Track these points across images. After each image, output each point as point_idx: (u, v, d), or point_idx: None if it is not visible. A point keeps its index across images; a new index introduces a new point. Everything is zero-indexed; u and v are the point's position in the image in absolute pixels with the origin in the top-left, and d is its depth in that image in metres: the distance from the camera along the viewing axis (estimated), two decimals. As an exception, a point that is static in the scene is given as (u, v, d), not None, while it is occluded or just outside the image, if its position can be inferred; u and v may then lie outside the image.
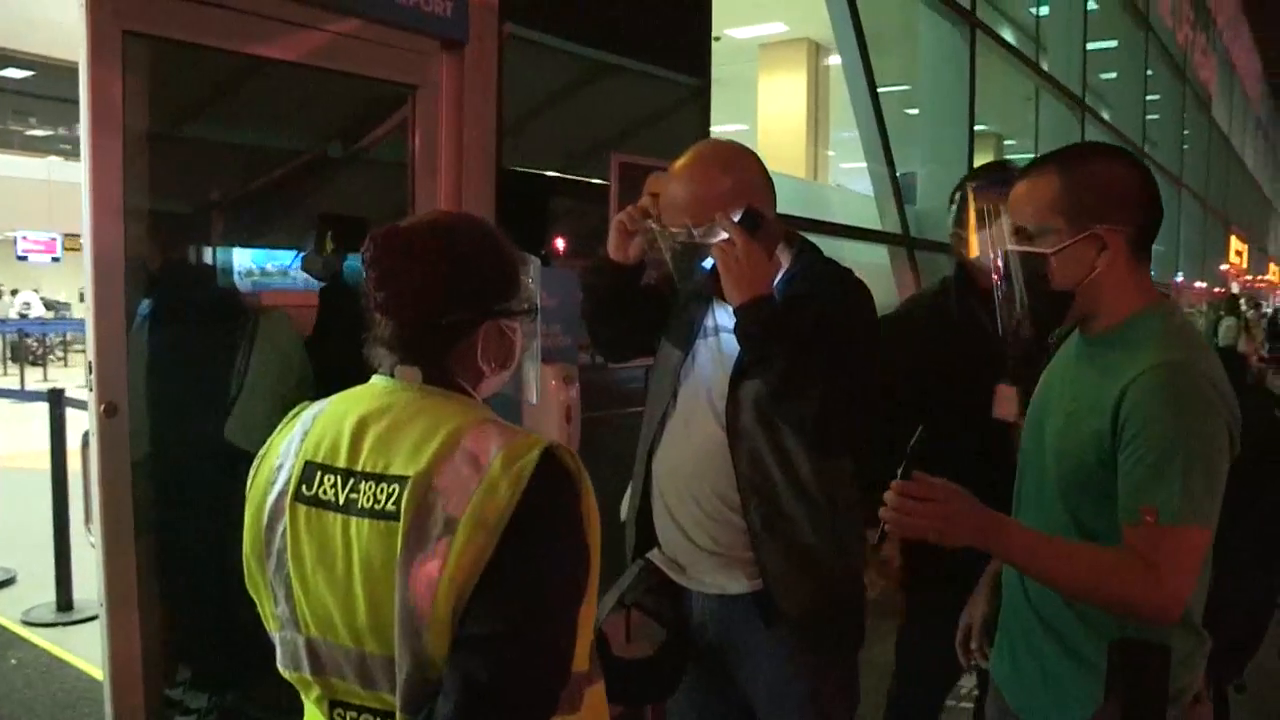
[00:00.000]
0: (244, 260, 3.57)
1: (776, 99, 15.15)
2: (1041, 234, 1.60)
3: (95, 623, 4.91)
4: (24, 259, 23.57)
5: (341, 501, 1.22)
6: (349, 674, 1.24)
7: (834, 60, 15.87)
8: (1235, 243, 28.07)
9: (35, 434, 8.21)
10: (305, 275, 3.46)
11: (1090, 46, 11.70)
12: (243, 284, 3.52)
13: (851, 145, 19.02)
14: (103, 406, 2.50)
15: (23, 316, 22.26)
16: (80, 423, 5.24)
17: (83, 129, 2.51)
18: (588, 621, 1.25)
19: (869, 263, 6.96)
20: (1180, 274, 18.87)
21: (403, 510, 1.17)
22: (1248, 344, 14.62)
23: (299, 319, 3.40)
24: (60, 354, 21.93)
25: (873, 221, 6.92)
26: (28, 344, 19.41)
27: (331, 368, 3.56)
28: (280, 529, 1.26)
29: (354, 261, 3.51)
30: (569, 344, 3.26)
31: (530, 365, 2.12)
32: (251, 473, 1.34)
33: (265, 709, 3.19)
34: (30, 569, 5.65)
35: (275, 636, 1.31)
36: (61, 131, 24.14)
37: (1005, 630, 1.84)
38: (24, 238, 23.18)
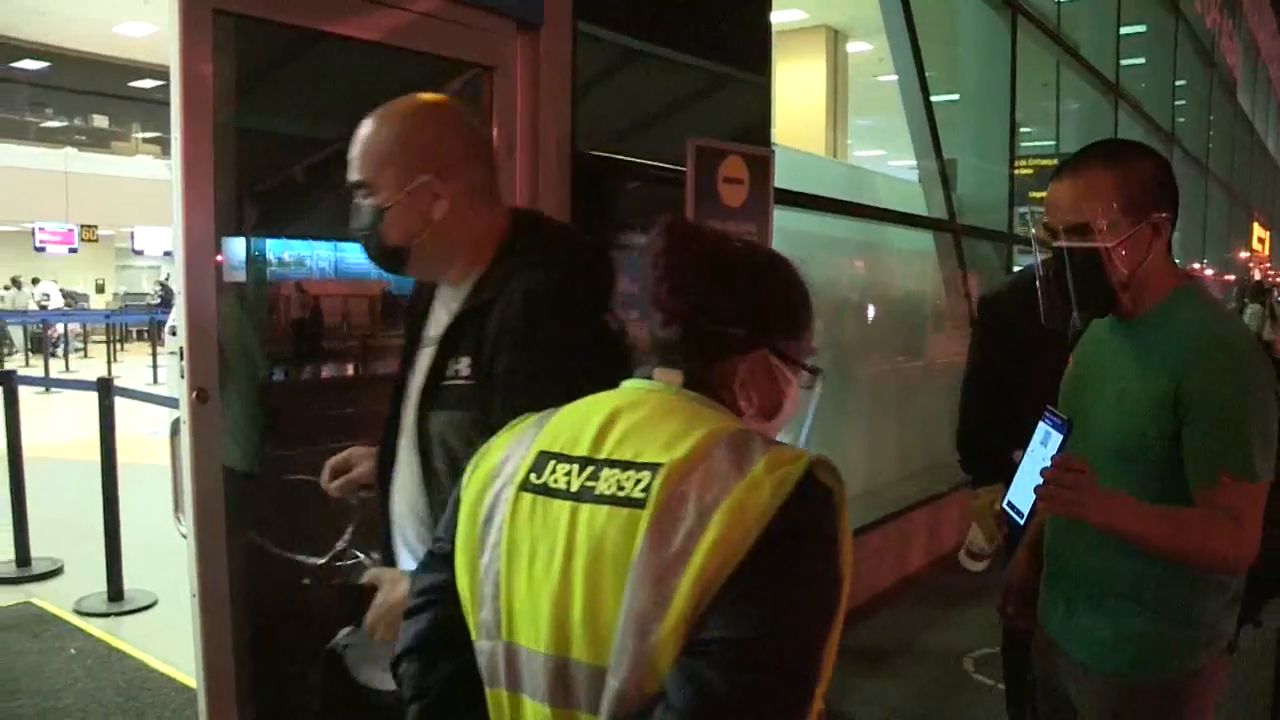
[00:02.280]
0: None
1: (795, 86, 15.08)
2: (1107, 228, 1.73)
3: (147, 613, 4.99)
4: (41, 250, 23.62)
5: (575, 488, 1.13)
6: (541, 688, 1.13)
7: (854, 48, 15.80)
8: (1258, 230, 27.91)
9: (65, 424, 8.29)
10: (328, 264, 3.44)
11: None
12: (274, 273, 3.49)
13: (869, 133, 18.97)
14: (195, 393, 2.46)
15: (42, 308, 22.29)
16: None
17: (174, 113, 2.45)
18: (832, 655, 1.09)
19: (913, 248, 6.91)
20: (1205, 261, 18.74)
21: (652, 496, 1.07)
22: (1273, 331, 14.54)
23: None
24: (80, 345, 21.96)
25: (917, 207, 6.85)
26: (48, 335, 19.41)
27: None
28: (498, 522, 1.18)
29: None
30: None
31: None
32: (468, 472, 1.26)
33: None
34: (76, 559, 5.64)
35: (477, 648, 1.20)
36: (77, 122, 24.14)
37: (1060, 589, 1.98)
38: (41, 229, 23.22)
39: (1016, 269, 7.19)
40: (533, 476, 1.17)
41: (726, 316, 1.22)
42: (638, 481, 1.09)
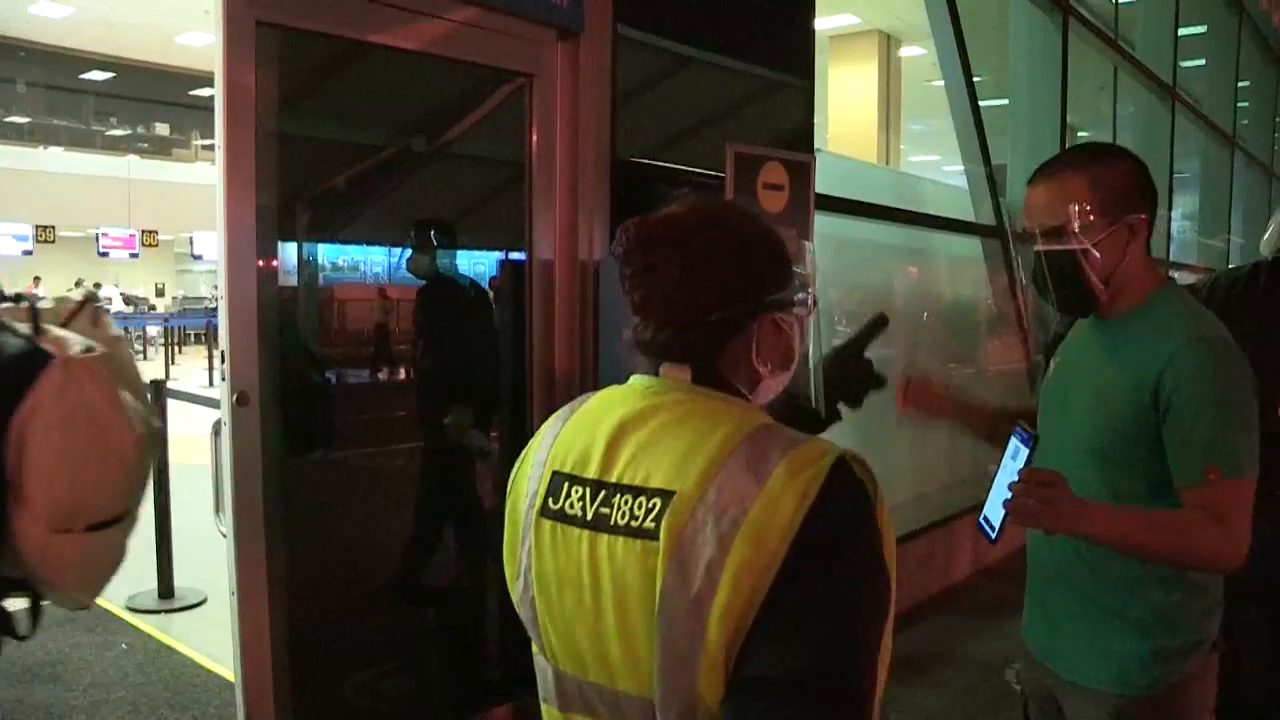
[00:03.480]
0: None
1: (848, 91, 14.99)
2: (1080, 230, 1.75)
3: (197, 610, 5.08)
4: (105, 255, 24.19)
5: (589, 517, 1.08)
6: (603, 715, 1.10)
7: (906, 52, 15.68)
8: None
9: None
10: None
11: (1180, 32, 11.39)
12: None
13: (924, 138, 18.76)
14: (235, 396, 2.51)
15: (105, 311, 22.81)
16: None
17: (217, 121, 2.51)
18: (886, 657, 1.04)
19: (963, 255, 6.84)
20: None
21: (664, 528, 1.01)
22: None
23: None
24: (140, 348, 22.43)
25: (966, 213, 6.78)
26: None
27: (440, 363, 3.65)
28: (527, 546, 1.14)
29: (446, 259, 3.52)
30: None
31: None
32: (510, 483, 1.22)
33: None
34: (130, 556, 5.74)
35: (535, 661, 1.20)
36: (140, 130, 24.70)
37: (1040, 596, 1.98)
38: (104, 234, 23.78)
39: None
40: (550, 501, 1.13)
41: (711, 303, 1.14)
42: (649, 511, 1.03)
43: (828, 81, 13.85)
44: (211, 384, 13.93)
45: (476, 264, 3.78)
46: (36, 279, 23.87)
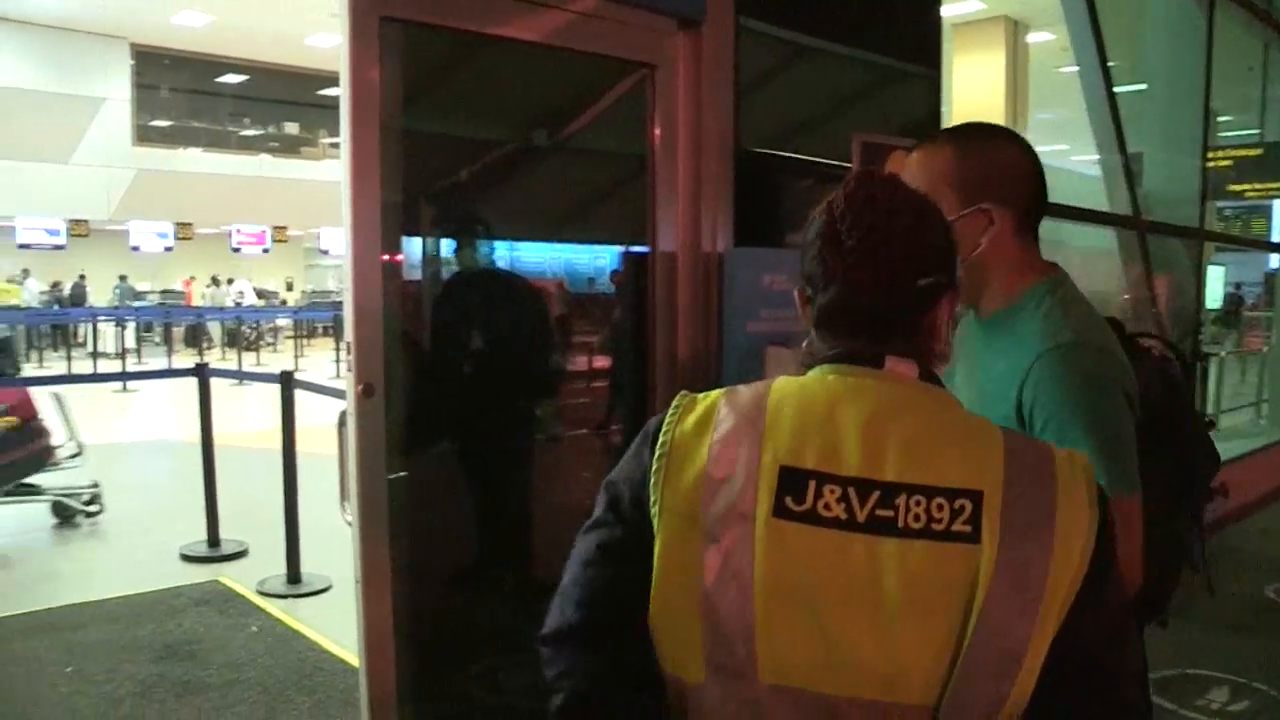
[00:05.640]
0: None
1: (973, 79, 14.60)
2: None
3: (322, 596, 5.23)
4: (237, 250, 25.16)
5: (862, 519, 1.01)
6: None
7: (1034, 38, 15.19)
8: None
9: (254, 415, 8.78)
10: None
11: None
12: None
13: (1052, 127, 18.15)
14: (361, 387, 2.55)
15: (237, 305, 23.73)
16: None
17: (342, 117, 2.55)
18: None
19: (1095, 246, 6.58)
20: None
21: (985, 530, 0.99)
22: None
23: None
24: (271, 340, 23.27)
25: (1098, 203, 6.52)
26: (242, 330, 20.66)
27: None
28: (735, 551, 1.03)
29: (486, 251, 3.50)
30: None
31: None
32: (657, 474, 1.10)
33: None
34: (260, 542, 5.97)
35: (699, 689, 1.07)
36: (270, 130, 25.59)
37: None
38: (237, 230, 24.73)
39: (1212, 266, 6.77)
40: (790, 501, 1.03)
41: (924, 267, 1.12)
42: (958, 513, 1.00)
43: (952, 70, 13.51)
44: (338, 376, 14.33)
45: (597, 258, 3.77)
46: (191, 278, 25.02)
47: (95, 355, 18.50)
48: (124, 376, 12.49)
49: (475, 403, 3.45)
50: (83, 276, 23.11)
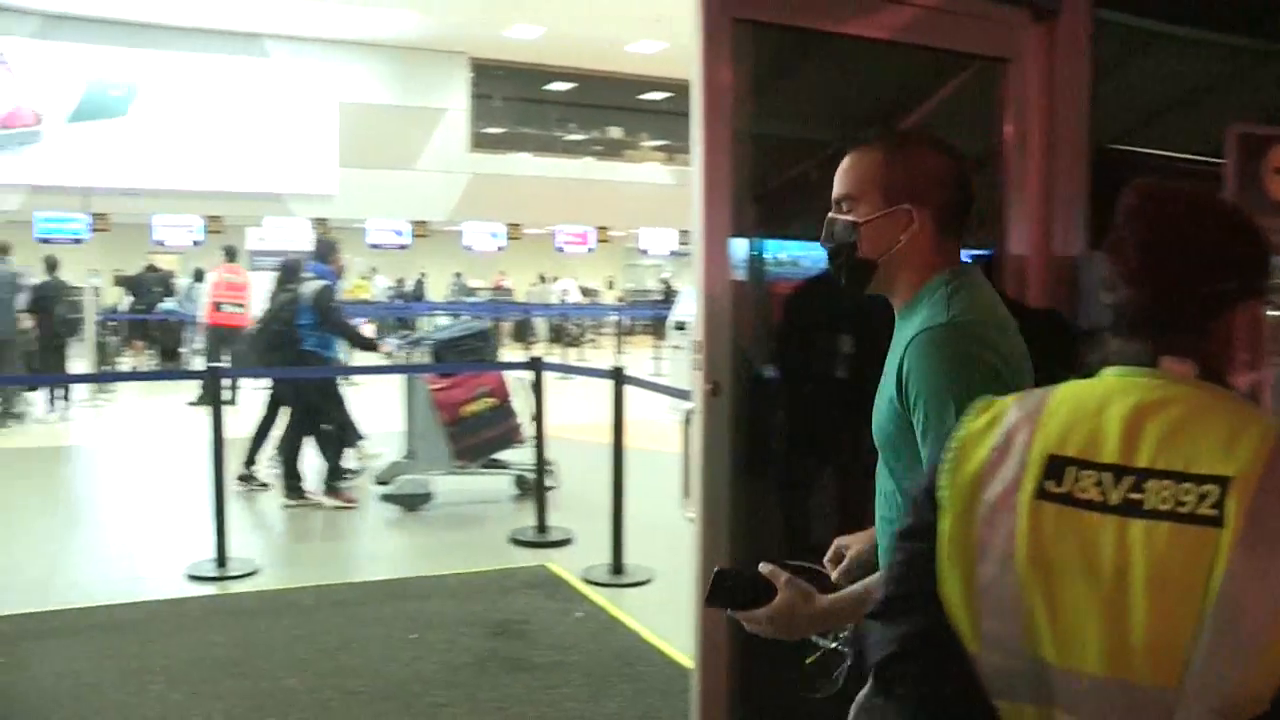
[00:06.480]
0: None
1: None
2: (859, 204, 1.73)
3: (645, 587, 5.37)
4: (561, 250, 26.52)
5: (1115, 501, 1.08)
6: (1090, 708, 1.08)
7: None
8: None
9: (579, 408, 9.20)
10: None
11: None
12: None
13: None
14: (709, 386, 2.58)
15: (561, 302, 25.02)
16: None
17: (694, 119, 2.58)
18: None
19: None
20: None
21: (1231, 514, 1.01)
22: None
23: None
24: (593, 337, 24.35)
25: None
26: (567, 327, 21.77)
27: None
28: (1005, 530, 1.13)
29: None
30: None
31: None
32: (947, 467, 1.21)
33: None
34: (585, 531, 6.23)
35: (978, 657, 1.16)
36: (595, 134, 26.81)
37: None
38: (562, 231, 26.08)
39: None
40: (1050, 485, 1.12)
41: (1211, 273, 1.17)
42: (1203, 497, 1.03)
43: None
44: (657, 372, 14.76)
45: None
46: (501, 273, 26.79)
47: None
48: (469, 366, 13.40)
49: (842, 408, 3.39)
50: (424, 274, 25.22)
